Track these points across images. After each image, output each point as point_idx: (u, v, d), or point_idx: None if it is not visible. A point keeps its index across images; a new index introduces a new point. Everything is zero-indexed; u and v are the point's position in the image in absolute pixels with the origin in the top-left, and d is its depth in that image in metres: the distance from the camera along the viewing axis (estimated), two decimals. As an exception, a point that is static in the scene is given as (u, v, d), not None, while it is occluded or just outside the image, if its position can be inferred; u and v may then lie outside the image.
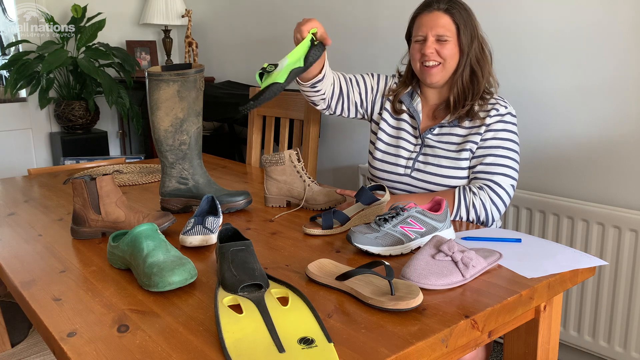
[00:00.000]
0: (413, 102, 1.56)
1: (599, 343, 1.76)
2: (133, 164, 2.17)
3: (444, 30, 1.42)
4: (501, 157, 1.41)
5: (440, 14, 1.42)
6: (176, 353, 0.77)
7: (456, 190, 1.41)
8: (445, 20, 1.42)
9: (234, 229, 1.10)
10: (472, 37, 1.43)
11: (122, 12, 3.56)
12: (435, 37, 1.42)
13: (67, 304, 0.93)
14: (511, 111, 1.45)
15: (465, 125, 1.46)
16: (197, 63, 2.23)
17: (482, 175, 1.42)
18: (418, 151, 1.51)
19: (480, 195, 1.38)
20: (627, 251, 1.65)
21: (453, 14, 1.42)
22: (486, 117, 1.43)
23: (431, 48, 1.43)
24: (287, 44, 2.89)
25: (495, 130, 1.43)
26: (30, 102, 3.32)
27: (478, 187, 1.40)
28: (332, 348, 0.76)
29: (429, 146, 1.50)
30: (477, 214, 1.38)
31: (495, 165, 1.40)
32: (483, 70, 1.45)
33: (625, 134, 1.68)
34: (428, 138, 1.50)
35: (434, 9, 1.43)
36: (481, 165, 1.42)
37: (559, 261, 1.08)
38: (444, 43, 1.42)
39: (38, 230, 1.35)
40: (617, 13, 1.65)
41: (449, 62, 1.44)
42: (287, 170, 1.50)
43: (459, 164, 1.45)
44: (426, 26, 1.43)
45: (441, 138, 1.49)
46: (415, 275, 0.96)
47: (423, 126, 1.54)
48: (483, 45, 1.46)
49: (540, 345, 1.11)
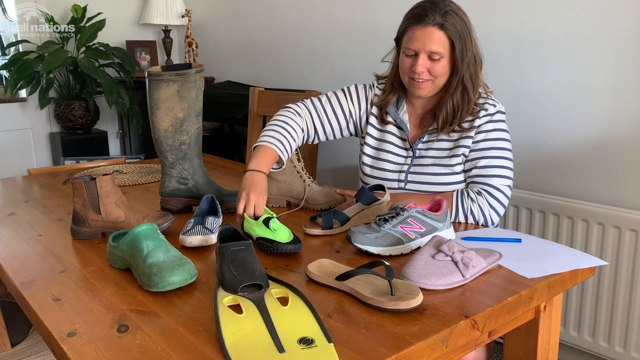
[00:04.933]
0: (399, 112, 1.49)
1: (599, 343, 1.76)
2: (133, 164, 2.17)
3: (438, 47, 1.33)
4: (495, 158, 1.39)
5: (435, 29, 1.32)
6: (176, 353, 0.77)
7: (454, 194, 1.39)
8: (439, 36, 1.32)
9: (234, 229, 1.10)
10: (466, 50, 1.35)
11: (122, 12, 3.55)
12: (428, 54, 1.34)
13: (67, 304, 0.93)
14: (500, 109, 1.42)
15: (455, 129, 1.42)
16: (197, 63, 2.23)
17: (479, 179, 1.40)
18: (410, 163, 1.47)
19: (478, 202, 1.37)
20: (627, 251, 1.65)
21: (448, 30, 1.32)
22: (475, 119, 1.40)
23: (422, 67, 1.35)
24: (287, 44, 2.89)
25: (485, 132, 1.40)
26: (30, 102, 3.32)
27: (476, 191, 1.38)
28: (332, 348, 0.76)
29: (421, 156, 1.46)
30: (476, 220, 1.37)
31: (490, 168, 1.39)
32: (475, 86, 1.39)
33: (625, 134, 1.68)
34: (419, 149, 1.46)
35: (428, 23, 1.32)
36: (476, 169, 1.40)
37: (559, 261, 1.08)
38: (436, 61, 1.34)
39: (38, 230, 1.35)
40: (617, 13, 1.65)
41: (440, 79, 1.37)
42: (287, 170, 1.50)
43: (453, 169, 1.42)
44: (419, 42, 1.34)
45: (431, 145, 1.45)
46: (415, 275, 0.96)
47: (412, 136, 1.49)
48: (476, 56, 1.39)
49: (540, 345, 1.11)
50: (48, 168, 2.11)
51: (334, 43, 2.62)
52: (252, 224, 1.22)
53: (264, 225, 1.18)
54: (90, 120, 3.28)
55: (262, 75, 3.12)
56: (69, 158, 2.97)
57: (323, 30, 2.66)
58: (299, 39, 2.82)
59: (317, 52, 2.72)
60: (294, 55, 2.86)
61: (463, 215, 1.38)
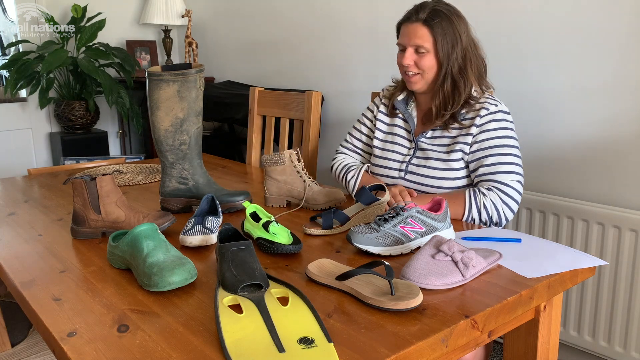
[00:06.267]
0: (408, 107, 1.58)
1: (599, 343, 1.76)
2: (133, 164, 2.17)
3: (422, 42, 1.42)
4: (502, 155, 1.40)
5: (419, 25, 1.41)
6: (176, 353, 0.77)
7: (466, 192, 1.41)
8: (423, 32, 1.41)
9: (234, 229, 1.10)
10: (452, 48, 1.42)
11: (122, 12, 3.56)
12: (414, 48, 1.43)
13: (67, 304, 0.93)
14: (502, 108, 1.44)
15: (454, 126, 1.46)
16: (197, 63, 2.23)
17: (487, 177, 1.41)
18: (412, 154, 1.52)
19: (490, 196, 1.37)
20: (627, 251, 1.65)
21: (432, 26, 1.40)
22: (476, 117, 1.43)
23: (409, 59, 1.44)
24: (287, 44, 2.89)
25: (489, 130, 1.42)
26: (30, 102, 3.32)
27: (487, 188, 1.39)
28: (332, 348, 0.76)
29: (422, 149, 1.51)
30: (489, 215, 1.37)
31: (498, 165, 1.40)
32: (466, 80, 1.44)
33: (625, 134, 1.68)
34: (422, 142, 1.51)
35: (414, 20, 1.43)
36: (483, 167, 1.41)
37: (559, 261, 1.08)
38: (422, 55, 1.43)
39: (38, 230, 1.35)
40: (616, 13, 1.65)
41: (428, 73, 1.45)
42: (287, 170, 1.50)
43: (450, 165, 1.45)
44: (405, 36, 1.44)
45: (434, 141, 1.50)
46: (415, 275, 0.96)
47: (417, 131, 1.55)
48: (467, 54, 1.44)
49: (540, 345, 1.11)
50: (48, 168, 2.11)
51: (334, 43, 2.62)
52: (253, 226, 1.23)
53: (263, 228, 1.19)
54: (90, 120, 3.28)
55: (262, 75, 3.12)
56: (69, 158, 2.97)
57: (323, 30, 2.66)
58: (299, 39, 2.82)
59: (317, 52, 2.72)
60: (294, 55, 2.86)
61: (477, 211, 1.38)
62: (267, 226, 1.18)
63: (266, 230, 1.18)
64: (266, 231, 1.18)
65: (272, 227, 1.18)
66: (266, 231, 1.18)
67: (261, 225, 1.20)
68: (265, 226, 1.19)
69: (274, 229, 1.18)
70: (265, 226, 1.19)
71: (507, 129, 1.43)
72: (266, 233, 1.18)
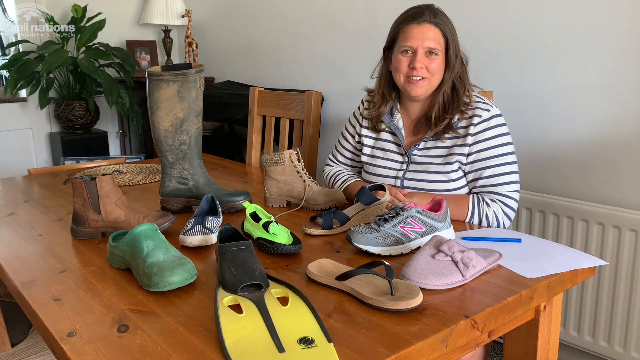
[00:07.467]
0: (394, 119, 1.51)
1: (599, 343, 1.76)
2: (133, 164, 2.17)
3: (435, 44, 1.37)
4: (500, 165, 1.38)
5: (431, 26, 1.36)
6: (176, 353, 0.77)
7: (470, 198, 1.40)
8: (436, 33, 1.37)
9: (234, 229, 1.10)
10: (457, 50, 1.40)
11: (122, 12, 3.55)
12: (426, 50, 1.37)
13: (67, 304, 0.93)
14: (495, 113, 1.40)
15: (448, 135, 1.42)
16: (197, 63, 2.23)
17: (487, 189, 1.40)
18: (405, 169, 1.48)
19: (493, 208, 1.38)
20: (627, 251, 1.65)
21: (442, 27, 1.37)
22: (469, 125, 1.39)
23: (421, 62, 1.37)
24: (287, 44, 2.89)
25: (484, 140, 1.39)
26: (30, 102, 3.32)
27: (490, 199, 1.39)
28: (332, 348, 0.76)
29: (416, 162, 1.46)
30: (490, 224, 1.39)
31: (497, 176, 1.39)
32: (464, 84, 1.42)
33: (625, 134, 1.68)
34: (414, 154, 1.46)
35: (424, 20, 1.36)
36: (482, 179, 1.40)
37: (559, 261, 1.08)
38: (433, 57, 1.37)
39: (38, 230, 1.35)
40: (616, 13, 1.65)
41: (436, 77, 1.40)
42: (287, 170, 1.50)
43: (448, 177, 1.42)
44: (416, 38, 1.37)
45: (427, 152, 1.45)
46: (415, 275, 0.96)
47: (407, 142, 1.50)
48: (462, 58, 1.43)
49: (540, 345, 1.11)
50: (48, 168, 2.11)
51: (334, 43, 2.62)
52: (253, 226, 1.23)
53: (263, 229, 1.19)
54: (90, 120, 3.28)
55: (262, 75, 3.12)
56: (69, 158, 2.97)
57: (323, 30, 2.66)
58: (299, 39, 2.82)
59: (317, 52, 2.72)
60: (294, 55, 2.86)
61: (478, 218, 1.39)
62: (267, 226, 1.18)
63: (266, 231, 1.18)
64: (266, 231, 1.18)
65: (272, 227, 1.18)
66: (266, 231, 1.18)
67: (261, 225, 1.20)
68: (265, 226, 1.19)
69: (274, 229, 1.18)
70: (265, 226, 1.19)
71: (501, 136, 1.39)
72: (266, 233, 1.18)
